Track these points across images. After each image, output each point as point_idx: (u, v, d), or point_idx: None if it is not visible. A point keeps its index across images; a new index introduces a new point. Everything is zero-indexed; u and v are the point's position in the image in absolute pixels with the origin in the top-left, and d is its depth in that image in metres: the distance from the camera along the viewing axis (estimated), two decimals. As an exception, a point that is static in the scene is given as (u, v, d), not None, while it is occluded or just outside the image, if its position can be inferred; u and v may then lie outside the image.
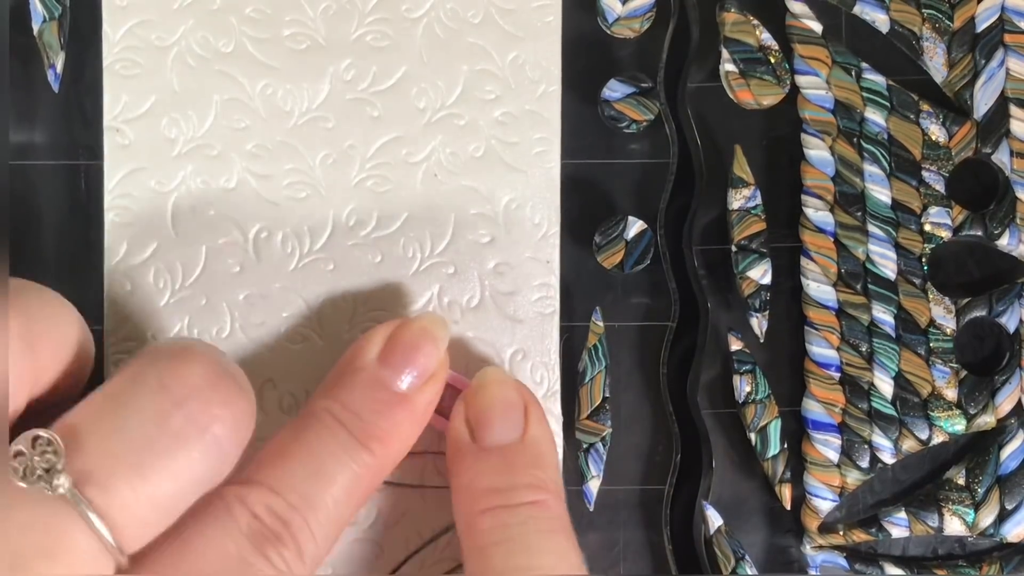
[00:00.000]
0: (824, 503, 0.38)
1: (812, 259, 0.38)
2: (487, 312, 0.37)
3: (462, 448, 0.34)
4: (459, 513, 0.34)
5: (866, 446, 0.38)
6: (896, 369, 0.38)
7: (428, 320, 0.35)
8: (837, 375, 0.38)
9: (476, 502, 0.33)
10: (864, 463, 0.38)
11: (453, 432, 0.34)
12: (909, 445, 0.38)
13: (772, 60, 0.38)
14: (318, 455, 0.31)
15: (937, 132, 0.38)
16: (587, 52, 0.39)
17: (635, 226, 0.38)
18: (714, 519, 0.38)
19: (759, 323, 0.38)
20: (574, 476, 0.38)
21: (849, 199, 0.38)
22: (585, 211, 0.38)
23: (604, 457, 0.38)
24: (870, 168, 0.38)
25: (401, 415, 0.33)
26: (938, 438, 0.38)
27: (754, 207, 0.38)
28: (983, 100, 0.38)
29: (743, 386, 0.38)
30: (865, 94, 0.38)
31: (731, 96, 0.38)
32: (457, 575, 0.37)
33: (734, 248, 0.38)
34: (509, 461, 0.34)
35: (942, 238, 0.38)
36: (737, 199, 0.38)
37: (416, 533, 0.37)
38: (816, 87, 0.38)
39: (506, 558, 0.32)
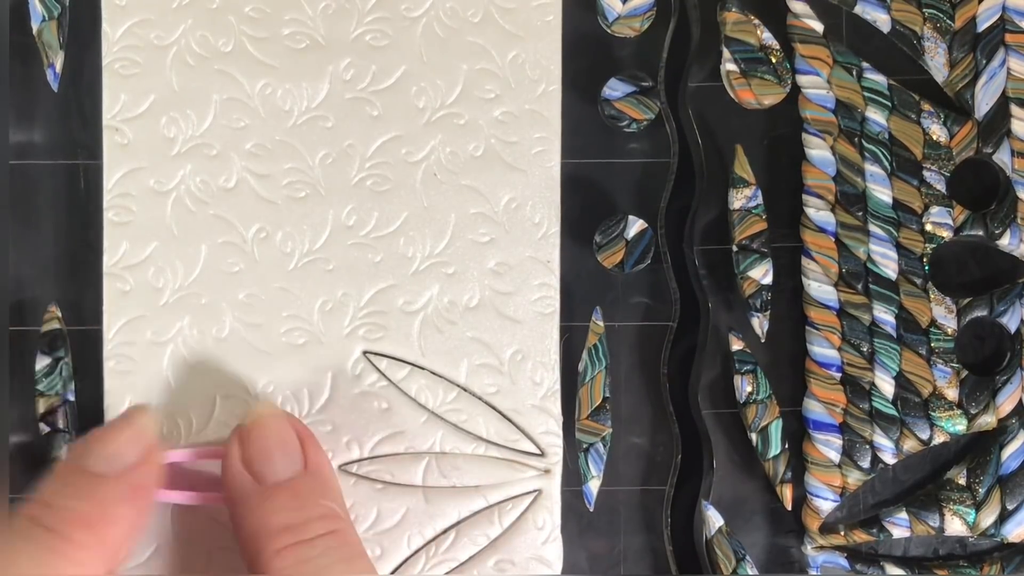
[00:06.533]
0: (825, 503, 0.38)
1: (813, 259, 0.38)
2: (486, 312, 0.37)
3: (245, 491, 0.32)
4: (252, 557, 0.32)
5: (867, 446, 0.38)
6: (897, 369, 0.38)
7: (127, 409, 0.34)
8: (838, 375, 0.38)
9: (271, 543, 0.31)
10: (865, 463, 0.38)
11: (231, 476, 0.33)
12: (910, 445, 0.38)
13: (773, 60, 0.38)
14: (17, 568, 0.29)
15: (938, 132, 0.38)
16: (587, 51, 0.39)
17: (635, 225, 0.38)
18: (715, 519, 0.38)
19: (760, 323, 0.38)
20: (574, 476, 0.38)
21: (850, 199, 0.38)
22: (585, 210, 0.38)
23: (604, 457, 0.37)
24: (871, 168, 0.38)
25: (107, 494, 0.31)
26: (939, 438, 0.38)
27: (755, 207, 0.38)
28: (984, 100, 0.38)
29: (744, 386, 0.38)
30: (866, 94, 0.38)
31: (732, 95, 0.38)
32: (458, 575, 0.37)
33: (735, 248, 0.38)
34: (297, 495, 0.32)
35: (943, 238, 0.38)
36: (738, 199, 0.38)
37: (416, 533, 0.37)
38: (817, 87, 0.38)
39: None
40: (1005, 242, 0.38)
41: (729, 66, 0.38)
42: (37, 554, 0.29)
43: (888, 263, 0.38)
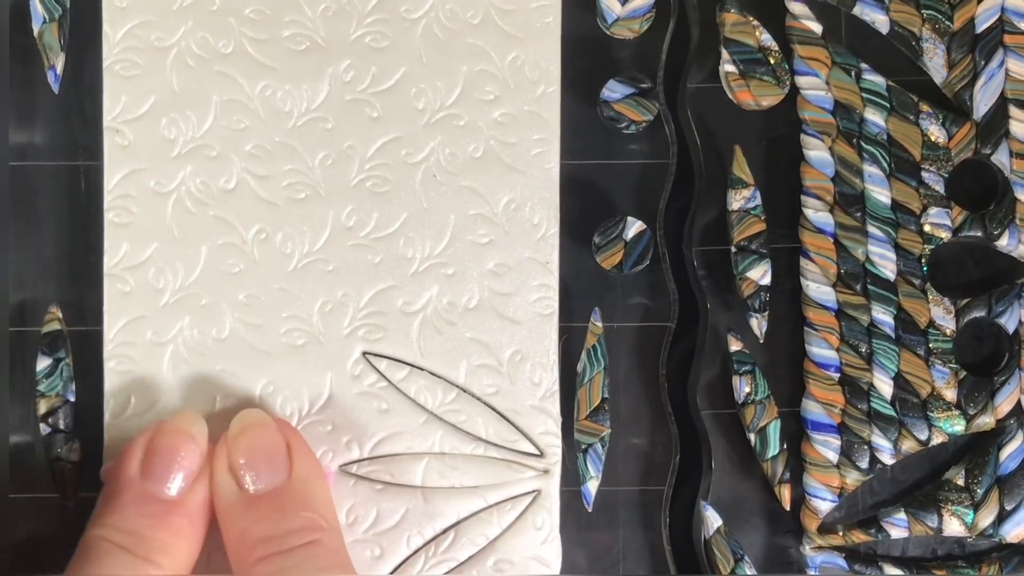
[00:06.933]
0: (823, 504, 0.38)
1: (812, 260, 0.38)
2: (486, 313, 0.37)
3: (230, 500, 0.33)
4: (235, 563, 0.33)
5: (865, 447, 0.38)
6: (895, 370, 0.38)
7: (181, 420, 0.34)
8: (836, 376, 0.38)
9: (251, 552, 0.32)
10: (863, 464, 0.38)
11: (217, 484, 0.34)
12: (908, 446, 0.38)
13: (772, 61, 0.38)
14: None
15: (937, 133, 0.38)
16: (586, 53, 0.39)
17: (634, 226, 0.38)
18: (713, 519, 0.38)
19: (759, 324, 0.38)
20: (573, 477, 0.38)
21: (849, 200, 0.38)
22: (584, 211, 0.38)
23: (603, 458, 0.38)
24: (870, 169, 0.38)
25: (178, 520, 0.33)
26: (937, 439, 0.38)
27: (754, 208, 0.38)
28: (983, 101, 0.38)
29: (743, 387, 0.38)
30: (865, 95, 0.38)
31: (731, 97, 0.38)
32: (457, 575, 0.37)
33: (734, 249, 0.38)
34: (279, 506, 0.33)
35: (942, 239, 0.38)
36: (737, 200, 0.38)
37: (416, 533, 0.37)
38: (816, 88, 0.38)
39: None
40: (1003, 243, 0.38)
41: (728, 67, 0.38)
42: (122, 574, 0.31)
43: (887, 264, 0.38)
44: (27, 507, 0.37)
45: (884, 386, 0.38)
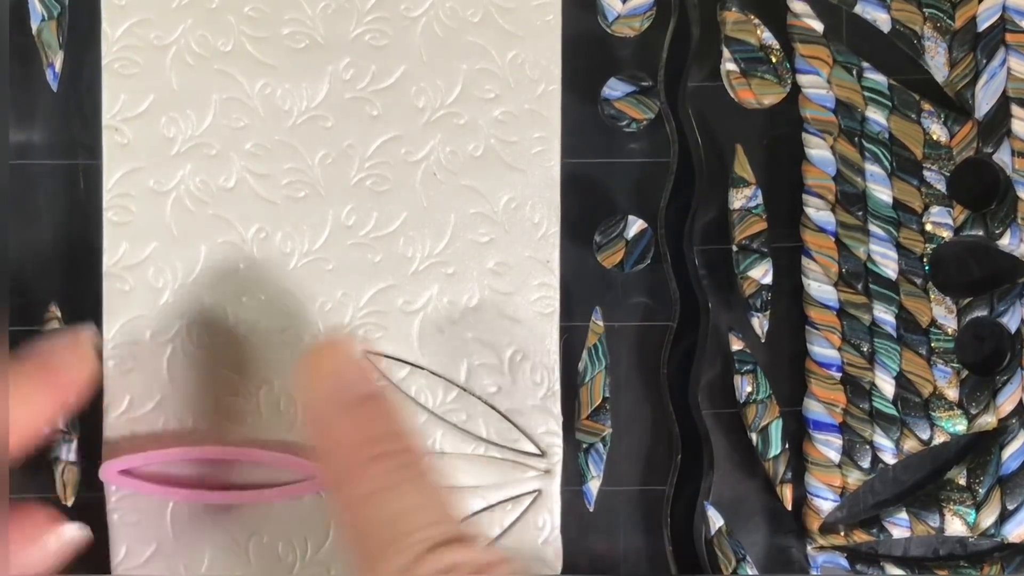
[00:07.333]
0: (825, 503, 0.38)
1: (813, 259, 0.38)
2: (486, 312, 0.37)
3: (325, 409, 0.32)
4: (335, 470, 0.31)
5: (867, 446, 0.38)
6: (897, 369, 0.38)
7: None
8: (838, 375, 0.38)
9: (357, 452, 0.30)
10: (865, 463, 0.38)
11: (309, 399, 0.32)
12: (910, 445, 0.38)
13: (773, 59, 0.38)
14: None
15: (938, 131, 0.38)
16: (587, 51, 0.39)
17: (635, 225, 0.38)
18: (715, 519, 0.38)
19: (760, 323, 0.38)
20: (574, 476, 0.38)
21: (850, 198, 0.38)
22: (585, 210, 0.38)
23: (604, 457, 0.37)
24: (871, 167, 0.38)
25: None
26: (939, 438, 0.38)
27: (755, 206, 0.38)
28: (984, 99, 0.38)
29: (744, 386, 0.38)
30: (866, 93, 0.38)
31: (732, 95, 0.38)
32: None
33: (735, 248, 0.38)
34: (378, 410, 0.32)
35: (943, 238, 0.38)
36: (738, 198, 0.38)
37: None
38: (817, 86, 0.38)
39: (401, 499, 0.30)
40: (1005, 242, 0.38)
41: (729, 66, 0.38)
42: None
43: (888, 263, 0.38)
44: (26, 507, 0.37)
45: (886, 385, 0.38)
